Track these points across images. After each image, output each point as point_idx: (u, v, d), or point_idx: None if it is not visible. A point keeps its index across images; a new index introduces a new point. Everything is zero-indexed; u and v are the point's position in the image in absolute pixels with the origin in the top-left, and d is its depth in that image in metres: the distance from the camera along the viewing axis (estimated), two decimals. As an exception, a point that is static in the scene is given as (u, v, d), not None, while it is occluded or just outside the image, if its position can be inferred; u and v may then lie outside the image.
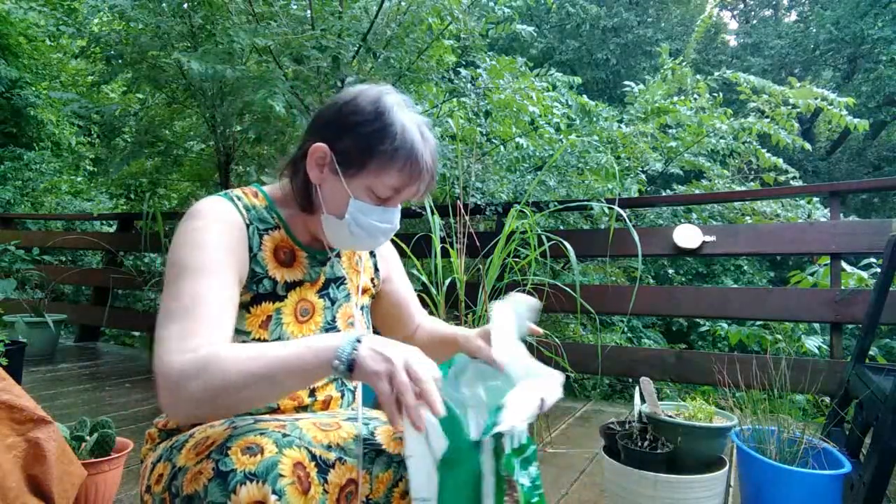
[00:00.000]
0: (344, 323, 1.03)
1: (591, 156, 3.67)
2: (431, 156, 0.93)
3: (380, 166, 0.89)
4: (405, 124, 0.90)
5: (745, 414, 1.58)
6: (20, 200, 6.42)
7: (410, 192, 0.93)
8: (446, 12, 2.99)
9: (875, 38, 11.13)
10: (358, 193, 0.92)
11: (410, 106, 0.95)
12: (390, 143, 0.88)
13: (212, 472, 0.74)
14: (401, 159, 0.89)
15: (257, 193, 1.00)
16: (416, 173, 0.91)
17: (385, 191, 0.91)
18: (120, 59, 3.35)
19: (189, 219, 0.90)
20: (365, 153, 0.89)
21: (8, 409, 1.15)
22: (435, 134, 0.97)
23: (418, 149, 0.90)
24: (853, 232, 2.59)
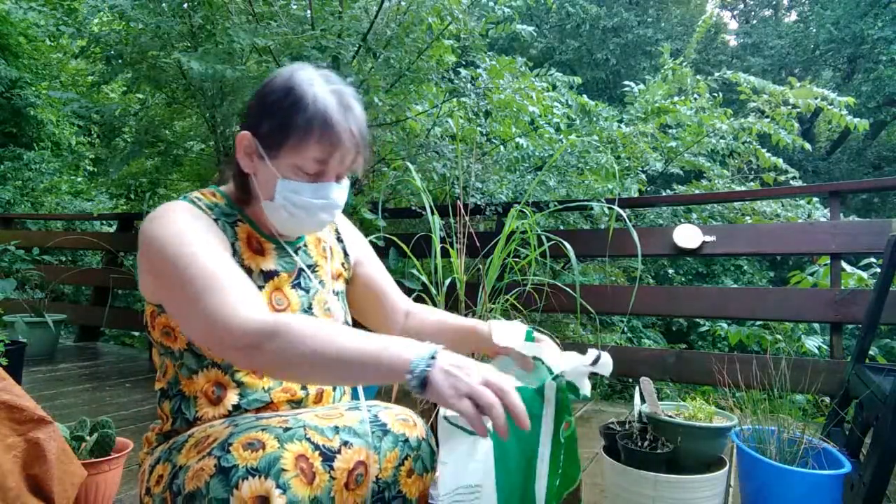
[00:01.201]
0: (321, 310, 1.02)
1: (591, 156, 3.67)
2: (356, 123, 0.91)
3: (297, 140, 0.88)
4: (317, 94, 0.89)
5: (745, 414, 1.58)
6: (20, 200, 6.42)
7: (336, 162, 0.91)
8: (446, 12, 2.99)
9: (875, 38, 11.13)
10: (285, 173, 0.91)
11: (332, 79, 0.94)
12: (303, 116, 0.88)
13: (213, 468, 0.74)
14: (316, 129, 0.88)
15: (215, 193, 1.01)
16: (336, 141, 0.89)
17: (310, 165, 0.90)
18: (120, 59, 3.36)
19: (155, 224, 0.90)
20: (282, 131, 0.89)
21: (8, 409, 1.15)
22: (357, 99, 0.94)
23: (333, 116, 0.88)
24: (853, 232, 2.59)
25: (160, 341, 0.96)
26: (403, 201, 3.88)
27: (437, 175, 3.26)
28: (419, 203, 2.74)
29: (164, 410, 0.96)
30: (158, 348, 0.97)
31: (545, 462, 0.84)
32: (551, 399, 0.86)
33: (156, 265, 0.87)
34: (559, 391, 0.86)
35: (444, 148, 3.28)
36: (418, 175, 2.60)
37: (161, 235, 0.87)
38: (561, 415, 0.86)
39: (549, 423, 0.85)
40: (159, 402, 0.98)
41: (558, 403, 0.86)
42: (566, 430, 0.87)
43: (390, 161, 3.41)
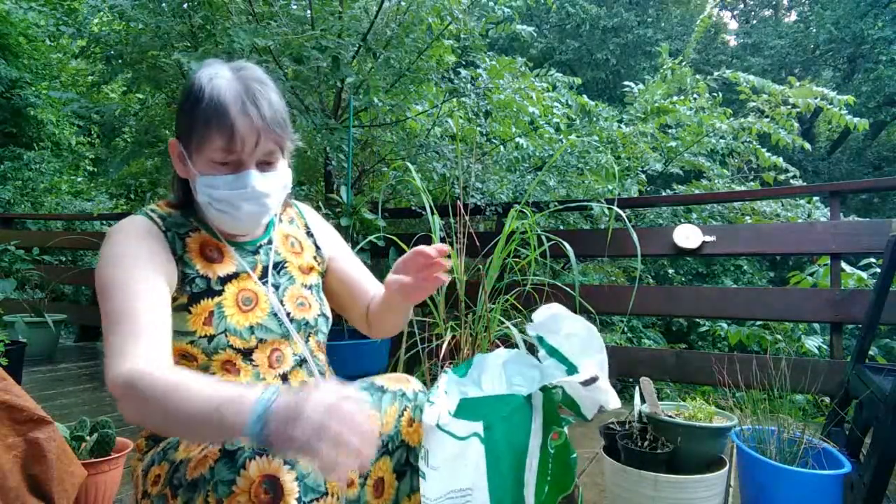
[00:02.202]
0: (293, 305, 1.02)
1: (591, 156, 3.67)
2: (259, 106, 0.89)
3: (200, 135, 0.89)
4: (214, 85, 0.89)
5: (745, 414, 1.58)
6: (20, 200, 6.42)
7: (242, 148, 0.89)
8: (446, 12, 2.99)
9: (875, 38, 11.14)
10: (203, 169, 0.92)
11: (240, 69, 0.93)
12: (200, 108, 0.88)
13: (218, 452, 0.74)
14: (211, 116, 0.87)
15: (172, 203, 1.03)
16: (234, 128, 0.87)
17: (218, 155, 0.90)
18: (120, 59, 3.36)
19: (105, 242, 0.92)
20: (189, 128, 0.90)
21: (8, 409, 1.15)
22: (272, 87, 0.94)
23: (228, 103, 0.87)
24: (853, 232, 2.59)
25: (179, 363, 0.95)
26: (403, 201, 3.88)
27: (437, 175, 3.26)
28: (419, 203, 2.74)
29: None
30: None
31: (533, 471, 0.84)
32: (539, 408, 0.86)
33: (97, 281, 0.89)
34: (546, 401, 0.86)
35: (444, 148, 3.28)
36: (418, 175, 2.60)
37: (104, 254, 0.91)
38: (549, 425, 0.86)
39: (537, 434, 0.86)
40: None
41: (546, 414, 0.86)
42: (555, 440, 0.87)
43: (390, 161, 3.41)
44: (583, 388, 0.85)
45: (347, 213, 2.74)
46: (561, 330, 1.00)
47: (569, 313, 1.01)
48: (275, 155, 0.94)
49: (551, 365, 0.98)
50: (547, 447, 0.86)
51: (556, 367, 0.97)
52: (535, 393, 0.86)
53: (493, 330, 2.16)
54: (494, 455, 0.80)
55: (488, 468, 0.79)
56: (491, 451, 0.80)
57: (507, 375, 1.01)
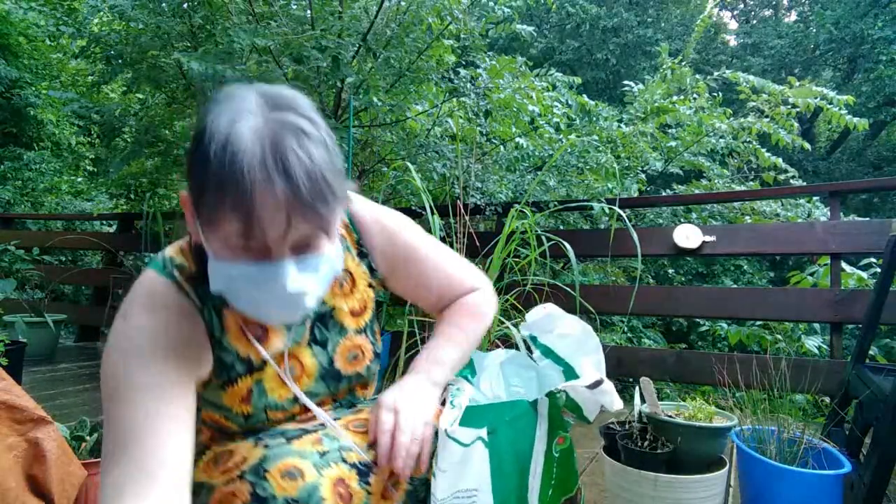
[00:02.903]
0: (344, 360, 0.89)
1: (591, 156, 3.67)
2: (293, 176, 0.61)
3: (211, 208, 0.63)
4: (231, 140, 0.60)
5: (745, 414, 1.58)
6: (20, 200, 6.42)
7: (263, 233, 0.62)
8: (446, 12, 2.99)
9: (875, 38, 11.13)
10: (218, 250, 0.67)
11: (273, 106, 0.64)
12: (207, 166, 0.61)
13: (249, 496, 0.69)
14: (223, 187, 0.60)
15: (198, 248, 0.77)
16: (248, 202, 0.60)
17: (234, 241, 0.64)
18: (120, 59, 3.36)
19: (120, 315, 0.72)
20: (196, 191, 0.64)
21: (8, 409, 1.15)
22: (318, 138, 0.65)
23: (241, 161, 0.59)
24: (853, 232, 2.59)
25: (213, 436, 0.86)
26: (403, 201, 3.88)
27: (437, 175, 3.26)
28: (419, 203, 2.74)
29: None
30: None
31: (537, 476, 0.85)
32: (544, 414, 0.86)
33: (103, 369, 0.71)
34: (552, 407, 0.86)
35: (444, 148, 3.28)
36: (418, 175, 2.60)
37: (117, 333, 0.71)
38: (555, 431, 0.87)
39: (542, 439, 0.86)
40: None
41: (552, 420, 0.87)
42: (561, 444, 0.87)
43: (390, 161, 3.41)
44: (588, 392, 0.85)
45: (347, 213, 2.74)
46: (554, 330, 1.00)
47: (563, 313, 1.01)
48: (316, 238, 0.67)
49: (547, 365, 0.98)
50: (552, 452, 0.86)
51: (551, 367, 0.97)
52: (541, 399, 0.87)
53: (492, 330, 2.16)
54: (498, 459, 0.81)
55: (492, 472, 0.80)
56: (495, 456, 0.81)
57: (504, 376, 1.01)
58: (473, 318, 0.98)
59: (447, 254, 1.00)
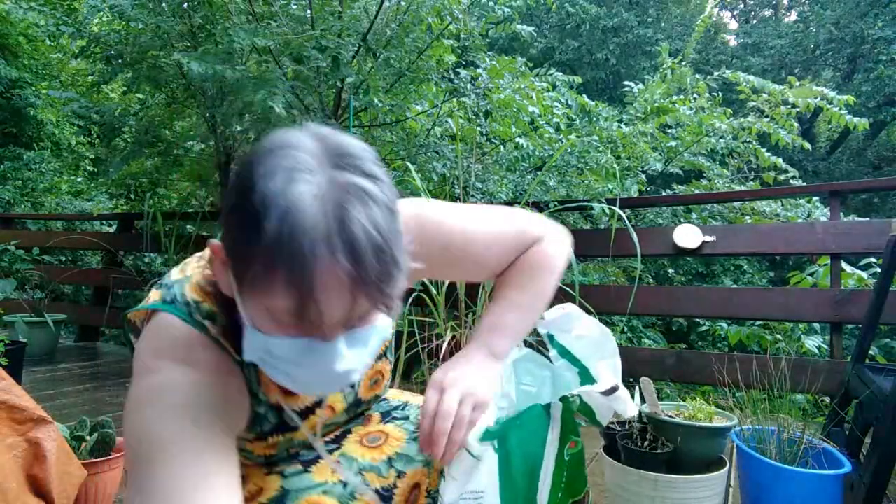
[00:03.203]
0: (365, 388, 0.86)
1: (591, 156, 3.67)
2: (351, 236, 0.52)
3: (260, 279, 0.54)
4: (289, 204, 0.52)
5: (745, 414, 1.58)
6: (20, 200, 6.42)
7: (321, 316, 0.55)
8: (446, 12, 3.00)
9: (875, 38, 11.14)
10: (257, 318, 0.58)
11: (337, 149, 0.56)
12: (258, 232, 0.52)
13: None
14: (280, 269, 0.52)
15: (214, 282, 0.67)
16: (310, 284, 0.52)
17: (282, 315, 0.56)
18: (120, 59, 3.36)
19: (146, 371, 0.62)
20: (238, 258, 0.57)
21: (8, 409, 1.15)
22: (385, 205, 0.56)
23: (303, 233, 0.51)
24: (853, 232, 2.59)
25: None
26: (403, 201, 3.87)
27: (437, 175, 3.26)
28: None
29: None
30: None
31: (547, 481, 0.84)
32: (557, 419, 0.86)
33: (129, 434, 0.61)
34: (566, 412, 0.86)
35: (444, 148, 3.28)
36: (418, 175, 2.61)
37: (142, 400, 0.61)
38: (567, 435, 0.86)
39: (554, 443, 0.85)
40: None
41: (565, 424, 0.86)
42: (572, 448, 0.86)
43: (390, 161, 3.41)
44: (602, 398, 0.84)
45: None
46: (572, 330, 0.98)
47: (582, 313, 0.99)
48: (374, 312, 0.59)
49: (563, 366, 0.97)
50: (563, 456, 0.86)
51: (567, 368, 0.96)
52: (554, 403, 0.86)
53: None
54: (507, 462, 0.80)
55: (500, 474, 0.80)
56: (504, 460, 0.80)
57: (516, 374, 1.00)
58: (536, 272, 0.85)
59: (497, 218, 0.87)
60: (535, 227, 0.87)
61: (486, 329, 0.83)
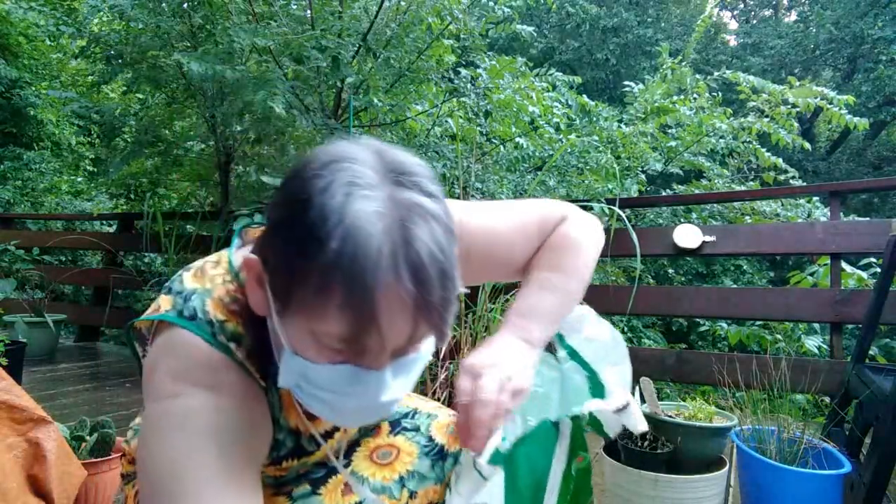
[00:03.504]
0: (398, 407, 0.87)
1: (591, 156, 3.68)
2: (416, 257, 0.50)
3: (308, 300, 0.51)
4: (349, 220, 0.49)
5: (745, 414, 1.58)
6: (20, 200, 6.42)
7: (382, 343, 0.52)
8: (446, 12, 3.00)
9: (875, 38, 11.14)
10: (298, 342, 0.55)
11: (393, 178, 0.53)
12: (316, 259, 0.49)
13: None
14: (337, 289, 0.49)
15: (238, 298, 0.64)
16: (373, 313, 0.49)
17: (330, 341, 0.53)
18: (120, 59, 3.36)
19: (166, 396, 0.57)
20: (287, 276, 0.53)
21: (8, 409, 1.15)
22: (445, 226, 0.53)
23: (366, 252, 0.48)
24: (853, 232, 2.59)
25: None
26: (403, 201, 3.88)
27: (437, 175, 3.26)
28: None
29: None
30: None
31: (553, 495, 0.83)
32: (566, 434, 0.85)
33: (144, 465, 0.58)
34: (576, 428, 0.85)
35: (444, 148, 3.28)
36: (418, 175, 2.59)
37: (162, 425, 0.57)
38: (575, 450, 0.85)
39: (561, 459, 0.84)
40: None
41: (573, 440, 0.85)
42: (580, 462, 0.85)
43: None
44: (613, 414, 0.83)
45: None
46: (583, 331, 0.95)
47: (595, 315, 0.96)
48: (425, 340, 0.56)
49: (572, 368, 0.95)
50: (570, 471, 0.85)
51: (576, 370, 0.94)
52: (563, 420, 0.84)
53: (493, 330, 2.16)
54: (513, 477, 0.79)
55: (506, 489, 0.78)
56: (510, 473, 0.79)
57: None
58: (565, 252, 0.79)
59: (516, 211, 0.82)
60: (556, 211, 0.83)
61: (517, 314, 0.77)
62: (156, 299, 0.66)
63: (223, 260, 0.68)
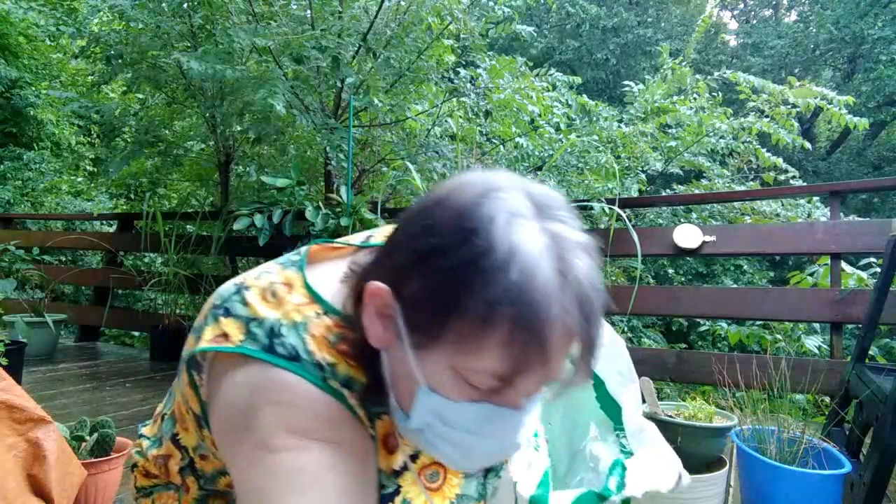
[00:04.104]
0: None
1: (591, 155, 3.68)
2: (584, 303, 0.49)
3: (465, 336, 0.49)
4: (517, 251, 0.47)
5: (745, 414, 1.58)
6: (20, 200, 6.42)
7: (536, 378, 0.51)
8: (446, 12, 3.00)
9: (875, 38, 11.14)
10: (436, 378, 0.52)
11: (544, 208, 0.51)
12: (482, 293, 0.47)
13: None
14: (505, 324, 0.47)
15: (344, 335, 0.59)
16: (542, 350, 0.48)
17: (482, 378, 0.50)
18: (120, 59, 3.36)
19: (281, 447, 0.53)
20: (440, 308, 0.49)
21: (8, 409, 1.15)
22: (593, 255, 0.52)
23: (542, 303, 0.47)
24: (853, 232, 2.59)
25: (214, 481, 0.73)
26: (403, 201, 3.88)
27: (437, 175, 3.26)
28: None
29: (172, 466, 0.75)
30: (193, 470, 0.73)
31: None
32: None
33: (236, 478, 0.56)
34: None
35: (443, 148, 3.28)
36: (418, 175, 2.61)
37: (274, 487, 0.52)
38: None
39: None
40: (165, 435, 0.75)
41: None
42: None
43: (390, 161, 3.41)
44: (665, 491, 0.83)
45: (347, 213, 2.75)
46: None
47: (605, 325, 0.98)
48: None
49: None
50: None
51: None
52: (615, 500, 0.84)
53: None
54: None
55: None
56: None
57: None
58: None
59: None
60: None
61: None
62: (206, 322, 0.60)
63: (295, 283, 0.62)
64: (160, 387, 2.99)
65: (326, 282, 0.62)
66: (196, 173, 4.32)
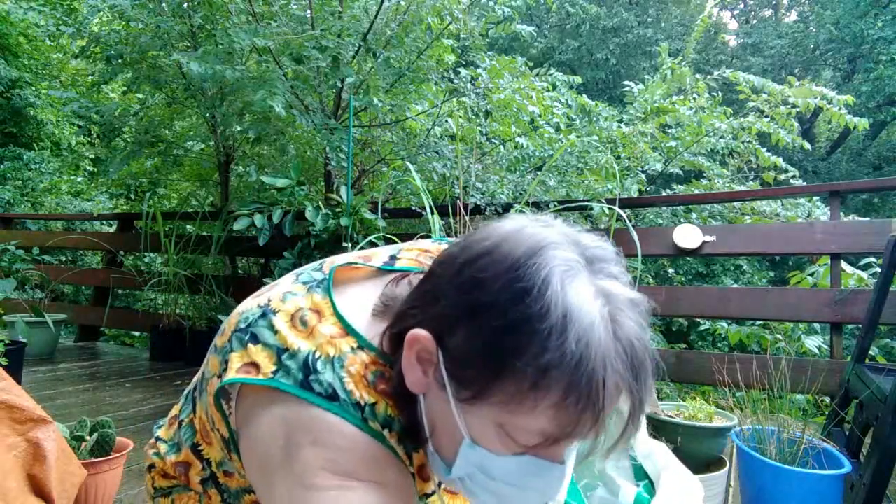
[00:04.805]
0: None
1: (591, 156, 3.68)
2: (638, 367, 0.50)
3: (515, 397, 0.48)
4: (579, 319, 0.47)
5: (745, 414, 1.58)
6: (20, 200, 6.42)
7: (580, 434, 0.50)
8: (446, 12, 3.00)
9: (875, 38, 11.14)
10: (479, 432, 0.52)
11: (597, 264, 0.51)
12: (539, 355, 0.47)
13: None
14: (559, 388, 0.47)
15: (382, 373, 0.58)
16: (592, 413, 0.48)
17: (528, 437, 0.51)
18: (120, 59, 3.36)
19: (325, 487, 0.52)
20: (489, 368, 0.49)
21: (8, 409, 1.15)
22: (643, 314, 0.53)
23: (600, 366, 0.47)
24: (853, 232, 2.59)
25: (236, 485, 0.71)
26: (403, 201, 3.88)
27: (437, 175, 3.26)
28: (419, 203, 2.74)
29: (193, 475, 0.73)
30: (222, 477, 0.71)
31: None
32: None
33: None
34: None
35: (444, 148, 3.28)
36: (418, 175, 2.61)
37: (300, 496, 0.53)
38: None
39: None
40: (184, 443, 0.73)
41: None
42: None
43: (390, 161, 3.41)
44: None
45: (347, 213, 2.75)
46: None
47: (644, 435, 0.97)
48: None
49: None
50: None
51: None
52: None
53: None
54: None
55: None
56: None
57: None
58: None
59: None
60: None
61: None
62: (231, 346, 0.58)
63: (325, 310, 0.60)
64: (160, 387, 3.00)
65: (356, 311, 0.60)
66: (196, 173, 4.32)
